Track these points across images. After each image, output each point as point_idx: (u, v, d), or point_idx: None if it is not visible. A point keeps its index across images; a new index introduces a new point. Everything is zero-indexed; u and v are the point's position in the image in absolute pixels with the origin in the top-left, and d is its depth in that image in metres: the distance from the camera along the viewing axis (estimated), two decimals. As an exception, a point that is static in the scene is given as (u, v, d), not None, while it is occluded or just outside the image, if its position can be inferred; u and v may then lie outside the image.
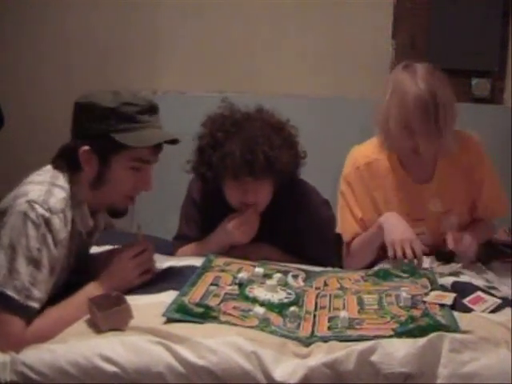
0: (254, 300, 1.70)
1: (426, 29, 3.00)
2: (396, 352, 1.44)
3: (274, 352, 1.46)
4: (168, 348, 1.45)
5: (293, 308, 1.67)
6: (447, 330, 1.52)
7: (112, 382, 1.43)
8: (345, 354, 1.44)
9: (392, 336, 1.52)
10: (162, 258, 1.98)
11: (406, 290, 1.75)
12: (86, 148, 1.69)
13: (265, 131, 2.05)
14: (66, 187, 1.70)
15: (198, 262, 1.97)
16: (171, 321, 1.57)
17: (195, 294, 1.71)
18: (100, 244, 2.09)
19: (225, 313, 1.61)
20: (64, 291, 1.70)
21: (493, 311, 1.72)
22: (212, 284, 1.79)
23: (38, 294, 1.59)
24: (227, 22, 3.09)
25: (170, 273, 1.90)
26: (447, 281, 1.89)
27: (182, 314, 1.59)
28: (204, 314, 1.59)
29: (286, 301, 1.73)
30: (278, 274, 1.88)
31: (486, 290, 1.84)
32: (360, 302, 1.72)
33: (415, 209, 2.12)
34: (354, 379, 1.43)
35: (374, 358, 1.44)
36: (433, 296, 1.75)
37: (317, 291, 1.83)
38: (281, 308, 1.67)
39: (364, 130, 2.87)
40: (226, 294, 1.73)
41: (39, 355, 1.46)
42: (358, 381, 1.44)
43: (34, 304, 1.58)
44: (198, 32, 3.11)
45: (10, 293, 1.55)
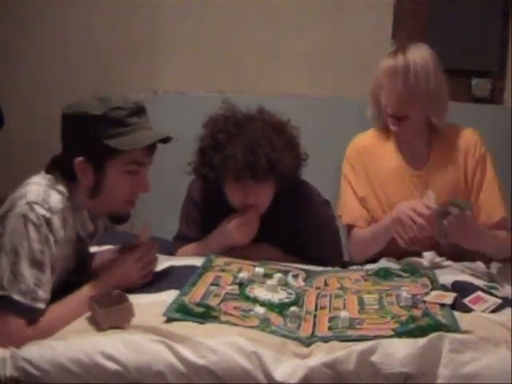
0: (255, 300, 1.70)
1: (426, 29, 3.00)
2: (396, 352, 1.44)
3: (274, 352, 1.46)
4: (169, 347, 1.45)
5: (293, 308, 1.67)
6: (447, 329, 1.52)
7: (113, 380, 1.43)
8: (345, 354, 1.45)
9: (392, 336, 1.52)
10: (162, 258, 1.97)
11: (406, 290, 1.75)
12: (80, 159, 1.68)
13: (266, 133, 2.05)
14: (65, 192, 1.70)
15: (198, 261, 1.97)
16: (172, 320, 1.57)
17: (196, 294, 1.71)
18: (100, 244, 2.09)
19: (225, 313, 1.61)
20: (64, 291, 1.69)
21: (493, 311, 1.71)
22: (212, 284, 1.79)
23: (44, 294, 1.60)
24: (227, 22, 3.09)
25: (170, 272, 1.91)
26: (447, 280, 1.89)
27: (182, 313, 1.59)
28: (204, 314, 1.59)
29: (287, 301, 1.73)
30: (279, 274, 1.89)
31: (487, 290, 1.84)
32: (360, 302, 1.72)
33: (411, 196, 2.12)
34: (354, 379, 1.44)
35: (374, 358, 1.44)
36: (433, 295, 1.75)
37: (317, 291, 1.83)
38: (281, 308, 1.68)
39: (364, 130, 2.89)
40: (226, 293, 1.73)
41: (40, 351, 1.47)
42: (358, 381, 1.44)
43: (41, 305, 1.59)
44: (198, 32, 3.11)
45: (17, 297, 1.55)
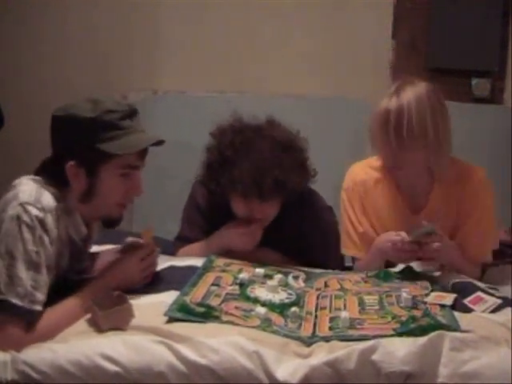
0: (256, 300, 1.71)
1: (426, 29, 2.99)
2: (397, 351, 1.44)
3: (276, 352, 1.46)
4: (170, 347, 1.45)
5: (294, 308, 1.67)
6: (448, 329, 1.52)
7: (114, 381, 1.42)
8: (346, 353, 1.45)
9: (393, 335, 1.52)
10: (163, 258, 1.97)
11: (406, 291, 1.76)
12: (72, 163, 1.66)
13: (275, 152, 2.03)
14: (56, 193, 1.67)
15: (198, 262, 1.97)
16: (173, 320, 1.57)
17: (196, 294, 1.71)
18: (100, 243, 2.09)
19: (227, 313, 1.61)
20: (62, 292, 1.69)
21: (493, 311, 1.72)
22: (213, 284, 1.79)
23: (41, 296, 1.58)
24: (227, 22, 3.08)
25: (170, 273, 1.90)
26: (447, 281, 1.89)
27: (183, 313, 1.59)
28: (206, 314, 1.59)
29: (287, 301, 1.73)
30: (279, 275, 1.89)
31: (486, 290, 1.84)
32: (361, 303, 1.72)
33: (404, 228, 2.03)
34: (355, 379, 1.43)
35: (375, 356, 1.44)
36: (433, 297, 1.76)
37: (317, 292, 1.84)
38: (282, 308, 1.68)
39: (364, 130, 2.89)
40: (227, 294, 1.73)
41: (40, 354, 1.46)
42: (359, 380, 1.44)
43: (38, 307, 1.57)
44: (198, 32, 3.10)
45: (15, 300, 1.53)
